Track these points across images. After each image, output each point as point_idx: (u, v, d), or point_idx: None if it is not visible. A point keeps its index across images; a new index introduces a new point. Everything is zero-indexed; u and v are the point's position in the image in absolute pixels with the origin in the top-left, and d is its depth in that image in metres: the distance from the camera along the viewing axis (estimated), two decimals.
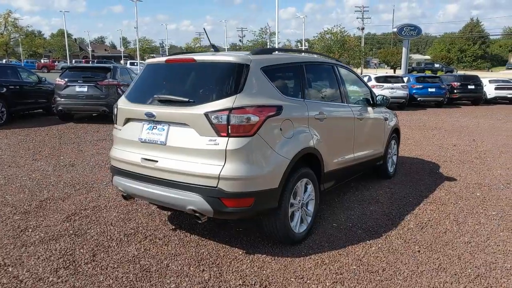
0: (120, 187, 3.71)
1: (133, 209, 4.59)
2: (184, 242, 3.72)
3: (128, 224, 4.13)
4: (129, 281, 3.02)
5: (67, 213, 4.43)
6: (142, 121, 3.49)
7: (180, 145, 3.23)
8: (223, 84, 3.27)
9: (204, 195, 3.09)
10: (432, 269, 3.24)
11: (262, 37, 58.70)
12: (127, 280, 3.03)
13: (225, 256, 3.43)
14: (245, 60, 3.30)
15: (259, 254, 3.47)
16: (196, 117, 3.13)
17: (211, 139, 3.09)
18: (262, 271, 3.19)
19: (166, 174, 3.28)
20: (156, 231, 3.95)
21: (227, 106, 3.06)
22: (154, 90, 3.61)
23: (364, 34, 61.88)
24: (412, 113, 15.87)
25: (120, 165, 3.67)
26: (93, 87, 11.34)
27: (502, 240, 3.82)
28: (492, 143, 9.20)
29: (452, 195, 5.19)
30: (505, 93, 21.00)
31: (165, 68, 3.74)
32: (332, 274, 3.15)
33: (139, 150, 3.48)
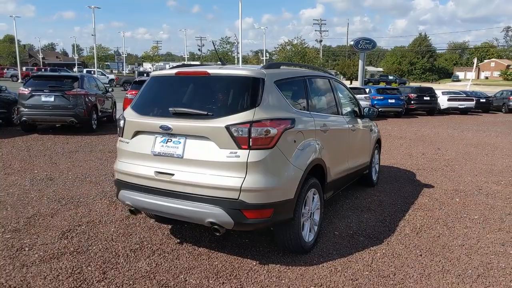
0: (128, 201, 3.63)
1: (130, 223, 4.48)
2: (194, 255, 3.70)
3: (131, 239, 4.03)
4: None
5: (61, 230, 4.24)
6: (155, 134, 3.46)
7: (198, 158, 3.24)
8: (241, 98, 3.33)
9: (225, 207, 3.12)
10: (438, 271, 3.45)
11: (223, 47, 58.90)
12: None
13: (241, 268, 3.45)
14: (260, 74, 3.39)
15: (272, 264, 3.52)
16: (217, 130, 3.16)
17: (232, 152, 3.13)
18: (281, 281, 3.24)
19: (183, 187, 3.26)
20: (162, 245, 3.89)
21: (248, 119, 3.13)
22: (166, 102, 3.59)
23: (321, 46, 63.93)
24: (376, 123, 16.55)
25: (129, 178, 3.60)
26: (60, 96, 10.87)
27: (491, 242, 4.13)
28: (455, 152, 9.85)
29: (435, 201, 5.52)
30: (456, 104, 22.49)
31: (175, 81, 3.73)
32: (348, 280, 3.27)
33: (152, 163, 3.44)
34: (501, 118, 20.74)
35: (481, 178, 6.97)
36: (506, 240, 4.16)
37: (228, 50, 59.03)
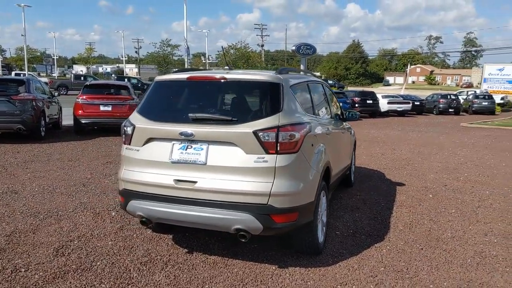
0: (140, 212, 3.46)
1: (127, 235, 4.25)
2: (209, 264, 3.62)
3: (135, 252, 3.83)
4: None
5: (52, 247, 3.92)
6: (172, 141, 3.34)
7: (223, 164, 3.18)
8: (264, 103, 3.33)
9: (254, 213, 3.10)
10: (443, 262, 3.72)
11: (163, 50, 57.57)
12: None
13: (263, 273, 3.44)
14: (278, 79, 3.42)
15: (291, 267, 3.56)
16: (244, 136, 3.13)
17: (260, 157, 3.12)
18: (307, 283, 3.29)
19: (208, 194, 3.19)
20: (172, 256, 3.75)
21: (275, 124, 3.14)
22: (182, 108, 3.49)
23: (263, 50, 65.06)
24: None
25: (141, 188, 3.43)
26: (6, 102, 9.97)
27: (475, 232, 4.53)
28: (409, 151, 10.59)
29: (412, 198, 5.91)
30: (395, 106, 24.15)
31: (187, 86, 3.63)
32: (369, 277, 3.40)
33: (170, 171, 3.32)
34: (435, 120, 22.63)
35: (442, 175, 7.58)
36: (487, 231, 4.59)
37: (169, 53, 57.84)
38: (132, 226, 4.53)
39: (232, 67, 4.07)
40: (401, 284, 3.30)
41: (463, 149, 11.25)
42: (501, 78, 34.73)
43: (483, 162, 9.11)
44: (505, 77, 34.48)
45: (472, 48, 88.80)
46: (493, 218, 5.05)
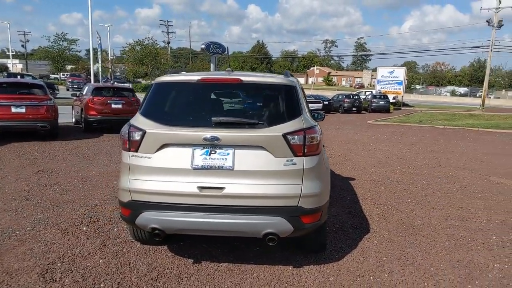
0: (155, 224, 3.20)
1: (115, 251, 3.90)
2: (225, 271, 3.52)
3: (138, 268, 3.54)
4: None
5: (34, 273, 3.41)
6: (193, 146, 3.16)
7: (252, 168, 3.12)
8: (285, 106, 3.34)
9: (285, 216, 3.11)
10: (429, 247, 4.16)
11: (59, 45, 52.40)
12: None
13: (282, 274, 3.47)
14: (292, 82, 3.47)
15: (306, 266, 3.64)
16: (274, 139, 3.11)
17: (289, 160, 3.14)
18: (329, 279, 3.41)
19: (236, 200, 3.10)
20: (181, 268, 3.56)
21: (301, 127, 3.19)
22: (199, 111, 3.31)
23: (169, 47, 63.37)
24: None
25: (156, 198, 3.18)
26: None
27: (437, 218, 5.13)
28: (340, 148, 11.40)
29: (369, 191, 6.42)
30: (315, 106, 25.67)
31: (200, 88, 3.45)
32: (378, 267, 3.66)
33: (192, 178, 3.14)
34: (344, 118, 24.55)
35: (380, 169, 8.35)
36: (446, 216, 5.23)
37: (66, 48, 52.89)
38: (114, 240, 4.15)
39: (232, 69, 3.95)
40: (408, 270, 3.62)
41: (381, 144, 12.48)
42: (391, 80, 39.11)
43: (404, 156, 10.25)
44: (395, 79, 38.92)
45: (362, 52, 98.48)
46: (443, 204, 5.77)
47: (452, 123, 20.30)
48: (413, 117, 25.00)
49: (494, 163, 9.37)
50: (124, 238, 4.21)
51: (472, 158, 10.03)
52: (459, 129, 18.06)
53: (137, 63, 44.69)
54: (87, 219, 4.75)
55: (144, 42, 44.87)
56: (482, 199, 6.09)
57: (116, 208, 5.18)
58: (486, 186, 7.00)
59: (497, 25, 33.84)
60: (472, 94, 64.89)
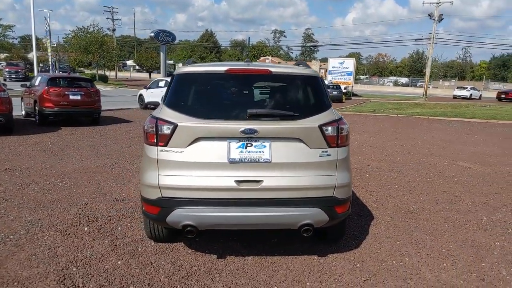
0: (189, 220, 3.08)
1: (131, 250, 3.72)
2: (253, 265, 3.49)
3: (163, 267, 3.41)
4: None
5: (52, 279, 3.17)
6: (228, 139, 3.07)
7: (289, 160, 3.10)
8: (316, 97, 3.34)
9: (322, 206, 3.14)
10: (433, 230, 4.40)
11: None
12: None
13: (312, 264, 3.51)
14: (317, 74, 3.47)
15: (330, 254, 3.72)
16: (310, 130, 3.11)
17: (324, 151, 3.16)
18: (356, 265, 3.50)
19: (274, 193, 3.07)
20: (208, 264, 3.48)
21: (334, 118, 3.22)
22: (232, 103, 3.22)
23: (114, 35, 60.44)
24: None
25: (190, 194, 3.06)
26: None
27: (428, 202, 5.44)
28: None
29: (356, 179, 6.63)
30: None
31: (227, 79, 3.33)
32: (396, 251, 3.82)
33: (229, 172, 3.05)
34: None
35: (358, 157, 8.65)
36: (435, 200, 5.56)
37: (1, 34, 48.56)
38: (123, 240, 3.96)
39: (250, 59, 3.84)
40: (424, 253, 3.81)
41: None
42: (342, 70, 40.41)
43: (373, 144, 10.70)
44: (345, 69, 40.27)
45: (310, 43, 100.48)
46: (428, 189, 6.13)
47: (403, 112, 21.47)
48: (366, 107, 26.08)
49: (455, 149, 10.08)
50: (133, 237, 4.01)
51: (434, 145, 10.70)
52: (411, 117, 19.15)
53: (82, 51, 42.18)
54: (85, 218, 4.47)
55: (90, 29, 42.37)
56: (459, 183, 6.54)
57: (110, 206, 4.92)
58: (458, 170, 7.53)
59: (438, 18, 36.12)
60: (413, 84, 68.87)
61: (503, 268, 3.54)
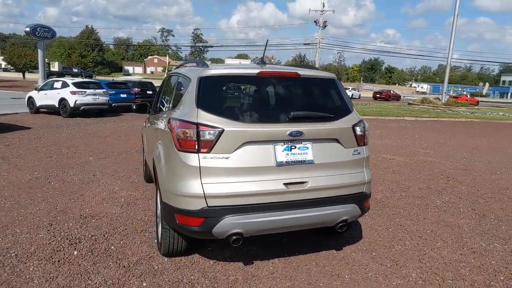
0: (238, 228, 2.95)
1: (147, 271, 3.41)
2: (286, 267, 3.50)
3: (201, 283, 3.20)
4: None
5: None
6: (273, 143, 3.03)
7: (328, 160, 3.20)
8: (341, 98, 3.47)
9: (356, 202, 3.32)
10: (412, 216, 4.95)
11: None
12: None
13: (336, 258, 3.67)
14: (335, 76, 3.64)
15: (344, 247, 3.93)
16: (345, 131, 3.26)
17: (355, 150, 3.34)
18: (373, 254, 3.78)
19: (317, 193, 3.14)
20: (244, 273, 3.40)
21: (360, 118, 3.43)
22: (271, 106, 3.15)
23: None
24: (119, 119, 16.43)
25: (239, 200, 2.94)
26: None
27: (388, 189, 6.06)
28: None
29: None
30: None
31: (259, 82, 3.25)
32: (396, 237, 4.21)
33: (277, 175, 3.02)
34: None
35: None
36: (390, 189, 6.22)
37: None
38: (128, 259, 3.60)
39: (266, 62, 3.78)
40: (416, 235, 4.28)
41: None
42: None
43: None
44: None
45: (200, 43, 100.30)
46: (378, 180, 6.80)
47: None
48: None
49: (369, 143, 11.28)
50: (137, 255, 3.66)
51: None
52: None
53: None
54: (65, 241, 3.90)
55: None
56: (396, 173, 7.41)
57: (82, 224, 4.37)
58: (387, 162, 8.50)
59: (323, 25, 39.63)
60: None
61: (480, 240, 4.21)
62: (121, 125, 13.93)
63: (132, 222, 4.51)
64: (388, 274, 3.39)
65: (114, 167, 7.28)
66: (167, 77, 4.75)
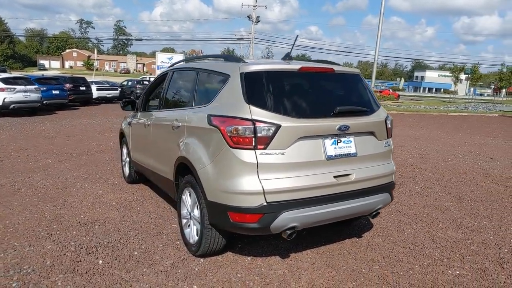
0: (295, 222, 2.99)
1: (189, 273, 3.30)
2: (324, 257, 3.61)
3: (249, 279, 3.19)
4: None
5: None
6: (322, 137, 3.11)
7: (367, 152, 3.36)
8: (371, 93, 3.63)
9: (388, 191, 3.55)
10: (399, 201, 5.34)
11: None
12: None
13: (364, 245, 3.86)
14: None
15: (365, 234, 4.15)
16: (380, 124, 3.44)
17: (386, 142, 3.55)
18: (391, 244, 4.05)
19: (359, 184, 3.28)
20: (287, 265, 3.43)
21: (387, 112, 3.63)
22: (316, 101, 3.23)
23: None
24: (56, 117, 15.26)
25: (296, 195, 2.98)
26: None
27: None
28: None
29: None
30: (105, 93, 23.69)
31: (300, 77, 3.27)
32: (397, 223, 4.54)
33: (327, 169, 3.10)
34: None
35: None
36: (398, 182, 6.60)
37: None
38: (164, 263, 3.45)
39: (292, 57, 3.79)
40: (418, 219, 4.65)
41: None
42: None
43: None
44: None
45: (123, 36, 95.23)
46: None
47: None
48: None
49: None
50: (168, 259, 3.51)
51: None
52: None
53: None
54: (81, 251, 3.61)
55: None
56: None
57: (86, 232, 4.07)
58: None
59: (256, 20, 40.08)
60: None
61: (470, 219, 4.71)
62: (62, 124, 12.89)
63: (141, 225, 4.29)
64: (415, 256, 3.67)
65: (83, 169, 6.78)
66: (170, 73, 4.54)
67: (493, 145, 11.19)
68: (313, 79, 3.41)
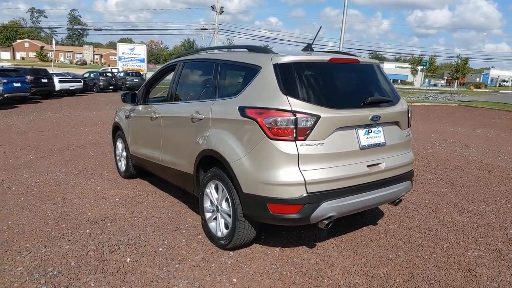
0: (333, 212, 3.04)
1: (223, 266, 3.27)
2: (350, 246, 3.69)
3: (288, 270, 3.21)
4: None
5: None
6: (355, 127, 3.16)
7: (394, 142, 3.45)
8: (390, 84, 3.71)
9: (409, 179, 3.68)
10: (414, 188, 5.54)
11: None
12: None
13: (384, 233, 3.98)
14: None
15: (379, 221, 4.27)
16: (403, 114, 3.54)
17: (407, 131, 3.66)
18: (408, 231, 4.21)
19: (388, 172, 3.37)
20: (318, 256, 3.48)
21: (406, 103, 3.74)
22: (347, 91, 3.29)
23: None
24: (21, 111, 14.46)
25: (334, 185, 3.02)
26: None
27: None
28: None
29: None
30: (68, 86, 22.59)
31: (330, 68, 3.28)
32: (407, 213, 4.72)
33: (361, 158, 3.17)
34: (108, 98, 22.85)
35: None
36: None
37: None
38: (195, 258, 3.39)
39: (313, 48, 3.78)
40: (423, 205, 4.85)
41: None
42: (133, 57, 39.04)
43: None
44: (137, 56, 39.11)
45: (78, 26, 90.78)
46: None
47: None
48: None
49: None
50: (199, 254, 3.46)
51: None
52: None
53: None
54: (103, 249, 3.47)
55: None
56: None
57: (100, 230, 3.92)
58: None
59: (219, 11, 39.65)
60: None
61: (469, 204, 4.98)
62: (30, 119, 12.20)
63: (155, 221, 4.18)
64: (434, 240, 3.84)
65: (71, 165, 6.48)
66: (180, 65, 4.39)
67: (463, 133, 11.83)
68: (342, 70, 3.46)
